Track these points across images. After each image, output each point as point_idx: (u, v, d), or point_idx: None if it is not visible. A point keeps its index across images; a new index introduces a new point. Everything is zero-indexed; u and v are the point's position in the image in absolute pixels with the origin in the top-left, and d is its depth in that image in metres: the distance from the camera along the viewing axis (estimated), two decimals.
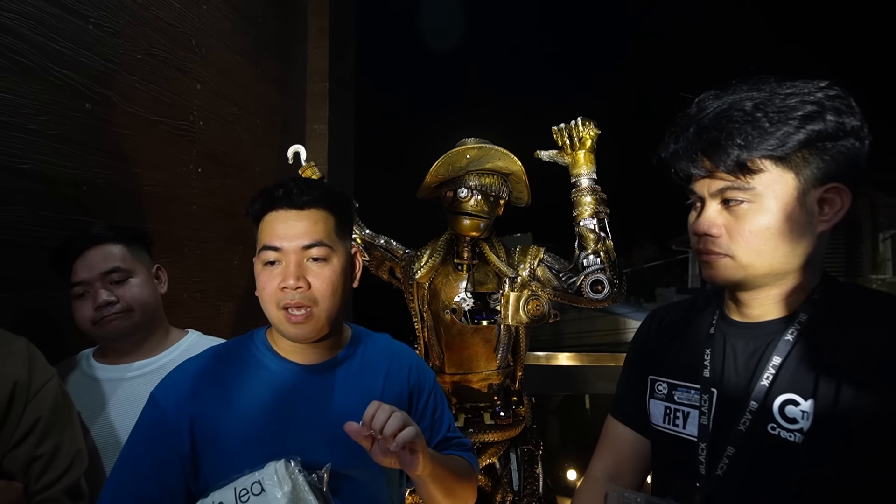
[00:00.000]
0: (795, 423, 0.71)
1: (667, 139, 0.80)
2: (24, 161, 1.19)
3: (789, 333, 0.76)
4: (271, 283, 0.88)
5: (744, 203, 0.74)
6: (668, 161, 0.80)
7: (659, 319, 0.98)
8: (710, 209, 0.77)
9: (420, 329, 1.64)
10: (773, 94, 0.72)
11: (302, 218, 0.90)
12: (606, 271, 1.48)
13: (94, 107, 1.36)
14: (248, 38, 2.07)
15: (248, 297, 2.05)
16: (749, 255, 0.75)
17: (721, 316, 0.86)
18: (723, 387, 0.80)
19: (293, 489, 0.79)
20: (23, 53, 1.18)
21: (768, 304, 0.79)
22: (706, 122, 0.75)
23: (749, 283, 0.78)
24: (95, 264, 1.11)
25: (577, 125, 1.53)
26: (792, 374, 0.73)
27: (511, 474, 1.62)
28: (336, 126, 2.55)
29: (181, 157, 1.70)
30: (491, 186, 1.54)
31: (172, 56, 1.65)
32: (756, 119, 0.71)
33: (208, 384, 0.90)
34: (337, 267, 0.91)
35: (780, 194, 0.72)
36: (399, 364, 1.02)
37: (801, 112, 0.70)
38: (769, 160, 0.71)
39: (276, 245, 0.88)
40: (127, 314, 1.14)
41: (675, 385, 0.87)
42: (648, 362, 0.94)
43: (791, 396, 0.72)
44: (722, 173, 0.74)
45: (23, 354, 0.91)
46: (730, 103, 0.74)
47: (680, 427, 0.84)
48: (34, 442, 0.88)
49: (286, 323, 0.88)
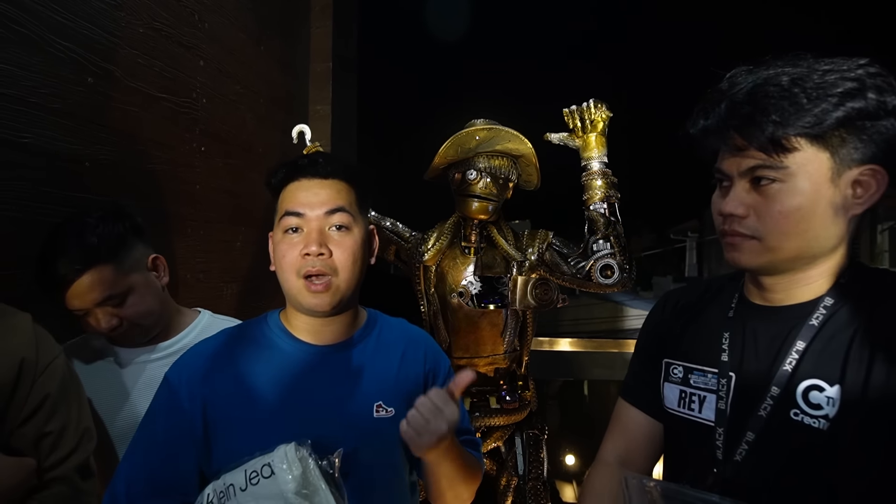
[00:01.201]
0: (820, 409, 0.69)
1: (696, 115, 0.77)
2: (26, 135, 1.16)
3: (814, 318, 0.73)
4: (292, 251, 0.86)
5: (774, 182, 0.71)
6: (697, 138, 0.77)
7: (673, 302, 0.96)
8: (738, 188, 0.74)
9: (426, 313, 1.63)
10: (811, 70, 0.69)
11: (325, 186, 0.89)
12: (616, 256, 1.46)
13: (97, 81, 1.33)
14: (252, 15, 2.02)
15: (252, 278, 2.03)
16: (777, 238, 0.72)
17: (740, 299, 0.84)
18: (742, 371, 0.78)
19: (303, 473, 0.78)
20: (25, 24, 1.14)
21: (793, 288, 0.77)
22: (740, 97, 0.71)
23: (774, 268, 0.76)
24: (85, 296, 1.04)
25: (588, 107, 1.51)
26: (817, 359, 0.71)
27: (516, 458, 1.63)
28: (339, 106, 2.51)
29: (184, 136, 1.67)
30: (500, 169, 1.52)
31: (175, 31, 1.61)
32: (793, 95, 0.68)
33: (221, 366, 0.89)
34: (358, 238, 0.90)
35: (814, 174, 0.69)
36: (415, 349, 1.01)
37: (841, 89, 0.67)
38: (804, 138, 0.68)
39: (298, 210, 0.87)
40: (135, 327, 1.12)
41: (691, 369, 0.85)
42: (662, 345, 0.92)
43: (816, 382, 0.70)
44: (753, 151, 0.71)
45: (29, 331, 0.89)
46: (765, 78, 0.71)
47: (695, 411, 0.83)
48: (42, 419, 0.87)
49: (305, 292, 0.86)
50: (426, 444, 0.83)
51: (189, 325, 1.23)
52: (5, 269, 1.14)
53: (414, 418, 0.83)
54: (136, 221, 1.15)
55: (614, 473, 0.90)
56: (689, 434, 0.83)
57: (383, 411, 0.92)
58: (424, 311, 1.63)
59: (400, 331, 1.03)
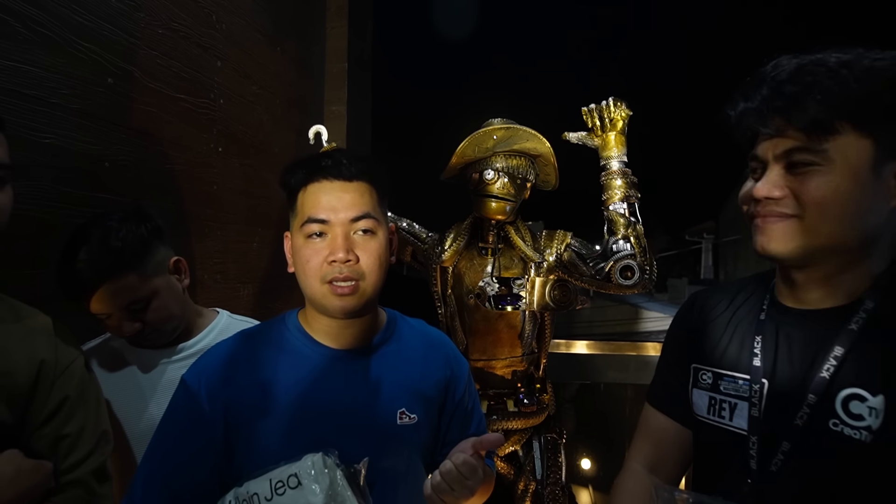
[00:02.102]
0: (862, 420, 0.66)
1: (735, 97, 0.74)
2: (47, 136, 1.17)
3: (854, 322, 0.70)
4: (316, 257, 0.84)
5: (811, 166, 0.67)
6: (736, 120, 0.74)
7: (700, 305, 0.92)
8: (773, 172, 0.71)
9: (443, 314, 1.62)
10: (861, 56, 0.66)
11: (349, 190, 0.86)
12: (637, 257, 1.44)
13: (116, 81, 1.33)
14: (268, 16, 2.02)
15: (268, 279, 2.03)
16: (815, 218, 0.68)
17: (772, 302, 0.81)
18: (776, 377, 0.75)
19: (331, 484, 0.77)
20: (46, 25, 1.15)
21: (829, 287, 0.73)
22: (783, 77, 0.68)
23: (808, 256, 0.71)
24: (109, 301, 1.04)
25: (608, 106, 1.49)
26: (857, 366, 0.68)
27: (534, 462, 1.60)
28: (354, 107, 2.51)
29: (202, 136, 1.67)
30: (518, 168, 1.51)
31: (193, 31, 1.61)
32: (841, 76, 0.65)
33: (241, 369, 0.88)
34: (382, 241, 0.88)
35: (854, 161, 0.66)
36: (436, 353, 0.99)
37: (892, 75, 0.64)
38: (848, 122, 0.65)
39: (322, 217, 0.84)
40: (157, 332, 1.12)
41: (721, 375, 0.82)
42: (691, 350, 0.88)
43: (856, 391, 0.67)
44: (793, 132, 0.68)
45: (49, 332, 0.89)
46: (811, 60, 0.68)
47: (726, 419, 0.79)
48: (61, 421, 0.86)
49: (331, 296, 0.84)
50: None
51: (208, 326, 1.23)
52: (26, 268, 1.15)
53: (439, 486, 0.81)
54: (157, 223, 1.15)
55: (643, 481, 0.87)
56: (721, 442, 0.80)
57: (406, 418, 0.90)
58: (441, 312, 1.61)
59: (420, 333, 1.01)
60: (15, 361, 0.82)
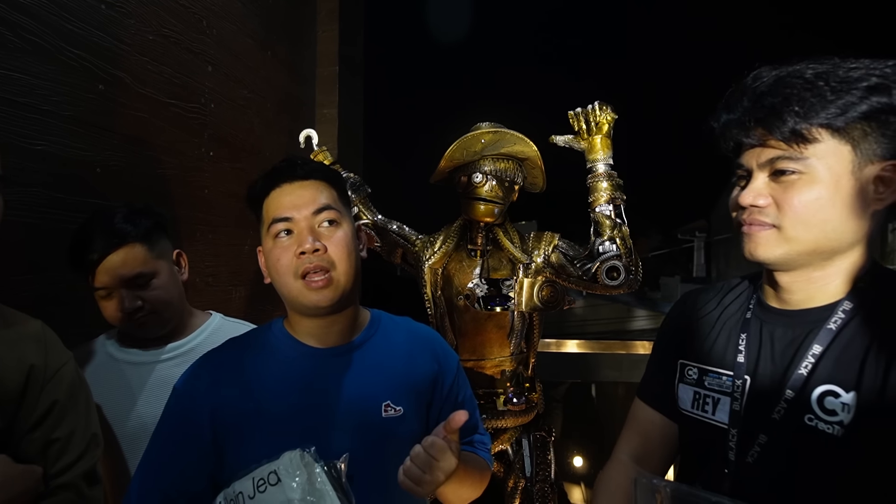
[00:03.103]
0: (835, 415, 0.69)
1: (719, 109, 0.77)
2: (39, 142, 1.18)
3: (832, 322, 0.73)
4: (286, 254, 0.87)
5: (794, 174, 0.70)
6: (719, 132, 0.77)
7: (692, 303, 0.95)
8: (758, 181, 0.74)
9: (433, 315, 1.64)
10: (836, 66, 0.70)
11: (307, 187, 0.91)
12: (622, 258, 1.47)
13: (107, 88, 1.35)
14: (259, 21, 2.04)
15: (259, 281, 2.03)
16: (796, 228, 0.71)
17: (758, 302, 0.84)
18: (757, 374, 0.78)
19: (308, 479, 0.79)
20: (36, 33, 1.16)
21: (811, 289, 0.76)
22: (763, 89, 0.72)
23: (792, 261, 0.74)
24: (117, 270, 1.07)
25: (593, 109, 1.51)
26: (833, 364, 0.71)
27: (523, 460, 1.63)
28: (346, 110, 2.53)
29: (193, 141, 1.69)
30: (506, 171, 1.53)
31: (184, 37, 1.63)
32: (817, 87, 0.68)
33: (229, 375, 0.90)
34: (348, 231, 0.92)
35: (834, 167, 0.69)
36: (422, 347, 1.02)
37: (867, 83, 0.67)
38: (826, 130, 0.68)
39: (286, 215, 0.88)
40: (155, 314, 1.13)
41: (706, 370, 0.85)
42: (679, 346, 0.92)
43: (831, 388, 0.70)
44: (774, 142, 0.71)
45: (39, 337, 0.90)
46: (789, 72, 0.71)
47: (709, 413, 0.82)
48: (50, 426, 0.87)
49: (306, 291, 0.87)
50: (425, 494, 0.83)
51: (200, 327, 1.25)
52: (18, 274, 1.16)
53: (410, 471, 0.81)
54: (163, 217, 1.20)
55: (628, 472, 0.90)
56: (703, 435, 0.83)
57: (392, 411, 0.93)
58: (431, 313, 1.63)
59: (405, 329, 1.03)
60: (4, 366, 0.83)
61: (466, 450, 1.05)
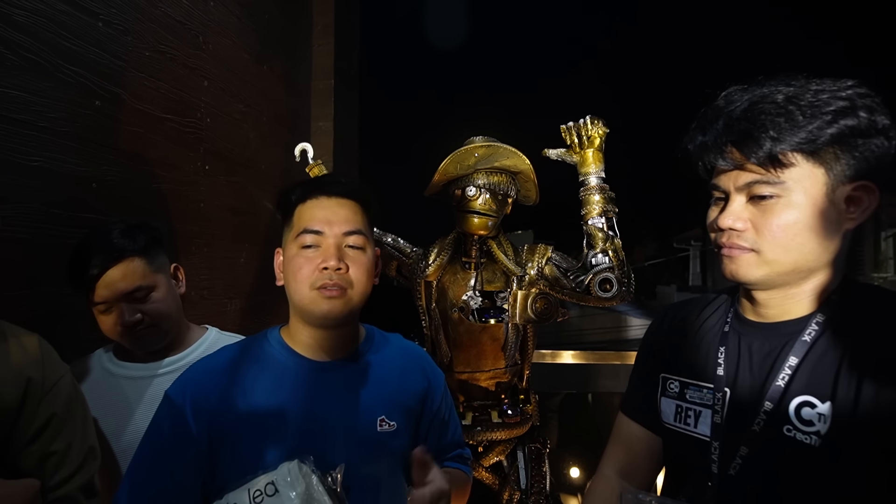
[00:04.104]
0: (812, 425, 0.70)
1: (693, 131, 0.79)
2: (35, 158, 1.19)
3: (807, 334, 0.75)
4: (308, 265, 0.89)
5: (772, 198, 0.72)
6: (694, 154, 0.79)
7: (672, 317, 0.97)
8: (736, 203, 0.76)
9: (427, 327, 1.65)
10: (804, 89, 0.71)
11: (344, 206, 0.93)
12: (615, 270, 1.48)
13: (104, 104, 1.36)
14: (255, 36, 2.06)
15: (255, 294, 2.05)
16: (775, 251, 0.73)
17: (736, 315, 0.85)
18: (737, 386, 0.79)
19: (306, 490, 0.79)
20: (34, 51, 1.18)
21: (787, 304, 0.78)
22: (737, 114, 0.73)
23: (771, 281, 0.76)
24: (116, 284, 1.08)
25: (585, 124, 1.53)
26: (809, 375, 0.73)
27: (518, 472, 1.63)
28: (341, 123, 2.55)
29: (188, 155, 1.70)
30: (499, 185, 1.55)
31: (180, 53, 1.65)
32: (789, 112, 0.70)
33: (224, 383, 0.90)
34: (370, 257, 0.94)
35: (810, 189, 0.71)
36: (413, 364, 1.03)
37: (834, 107, 0.69)
38: (800, 154, 0.70)
39: (317, 229, 0.90)
40: (153, 328, 1.14)
41: (687, 384, 0.86)
42: (660, 360, 0.93)
43: (808, 398, 0.72)
44: (751, 166, 0.73)
45: (35, 351, 0.91)
46: (760, 96, 0.73)
47: (691, 426, 0.84)
48: (48, 438, 0.88)
49: (319, 299, 0.88)
50: None
51: (197, 341, 1.25)
52: (15, 289, 1.16)
53: None
54: (158, 232, 1.21)
55: (614, 487, 0.91)
56: (686, 449, 0.84)
57: (386, 425, 0.94)
58: (426, 325, 1.64)
59: (397, 347, 1.05)
60: (2, 380, 0.84)
61: (450, 466, 1.07)
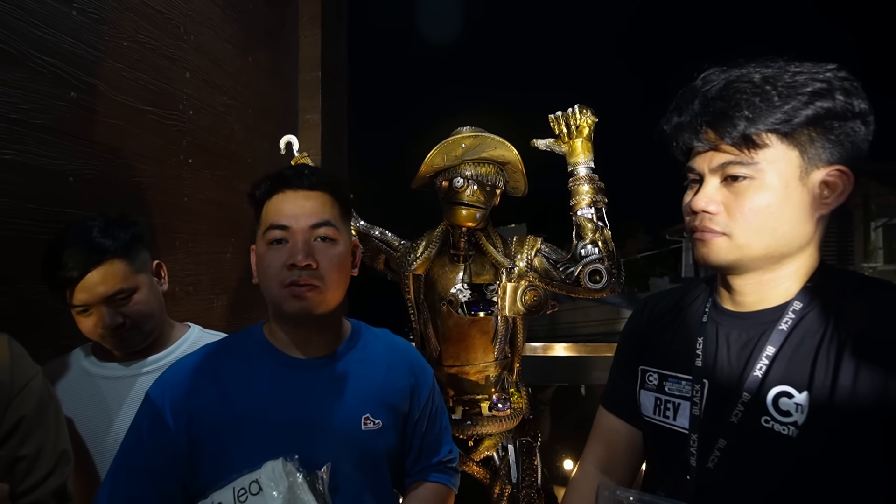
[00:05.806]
0: (789, 416, 0.69)
1: (670, 112, 0.78)
2: (7, 151, 1.16)
3: (783, 323, 0.73)
4: (277, 262, 0.86)
5: (745, 179, 0.71)
6: (671, 135, 0.78)
7: (651, 308, 0.95)
8: (709, 185, 0.74)
9: (416, 321, 1.62)
10: (782, 71, 0.70)
11: (310, 198, 0.90)
12: (605, 261, 1.46)
13: (80, 95, 1.32)
14: (238, 26, 2.02)
15: (242, 289, 2.02)
16: (747, 235, 0.72)
17: (714, 305, 0.84)
18: (715, 377, 0.78)
19: (290, 489, 0.78)
20: (3, 39, 1.14)
21: (762, 291, 0.76)
22: (713, 93, 0.72)
23: (744, 266, 0.75)
24: (96, 288, 1.03)
25: (574, 113, 1.51)
26: (786, 365, 0.71)
27: (509, 466, 1.61)
28: (329, 116, 2.51)
29: (171, 148, 1.67)
30: (487, 176, 1.52)
31: (160, 44, 1.61)
32: (765, 91, 0.69)
33: (205, 381, 0.88)
34: (343, 249, 0.91)
35: (784, 171, 0.70)
36: (400, 360, 1.01)
37: (811, 88, 0.68)
38: (775, 135, 0.69)
39: (283, 223, 0.87)
40: (135, 330, 1.11)
41: (665, 376, 0.85)
42: (639, 352, 0.92)
43: (785, 388, 0.70)
44: (725, 147, 0.72)
45: (4, 352, 0.87)
46: (737, 76, 0.72)
47: (670, 419, 0.82)
48: (17, 443, 0.85)
49: (290, 298, 0.86)
50: None
51: (179, 339, 1.23)
52: None
53: None
54: (140, 228, 1.17)
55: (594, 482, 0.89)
56: (665, 442, 0.83)
57: (371, 423, 0.92)
58: (415, 319, 1.62)
59: (384, 342, 1.03)
60: None
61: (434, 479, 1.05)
